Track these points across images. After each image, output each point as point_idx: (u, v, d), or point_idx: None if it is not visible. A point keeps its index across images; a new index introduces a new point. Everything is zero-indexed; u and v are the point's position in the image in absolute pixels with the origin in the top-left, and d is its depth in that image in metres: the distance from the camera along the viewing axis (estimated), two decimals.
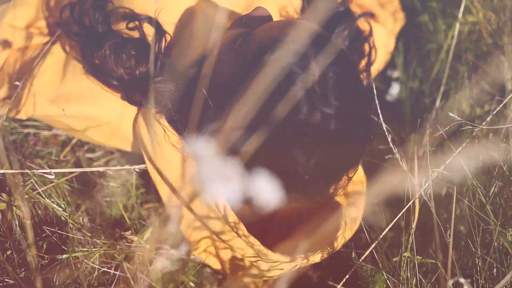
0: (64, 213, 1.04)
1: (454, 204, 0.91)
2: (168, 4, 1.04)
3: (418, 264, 0.97)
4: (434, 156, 0.99)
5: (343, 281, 1.01)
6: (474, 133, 1.03)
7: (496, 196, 1.02)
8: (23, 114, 1.03)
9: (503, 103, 1.08)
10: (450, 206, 1.13)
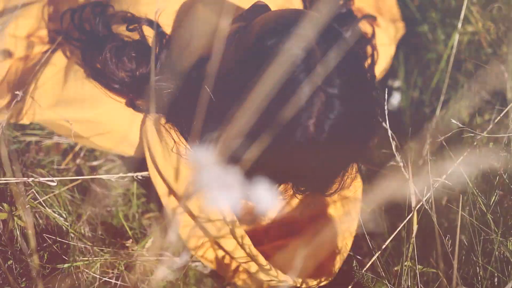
0: (65, 222, 1.04)
1: (460, 213, 0.91)
2: (168, 6, 1.04)
3: (419, 273, 0.97)
4: (435, 164, 0.99)
5: None
6: (475, 142, 1.03)
7: (496, 205, 1.02)
8: (26, 119, 1.03)
9: (504, 112, 1.08)
10: (451, 215, 1.13)
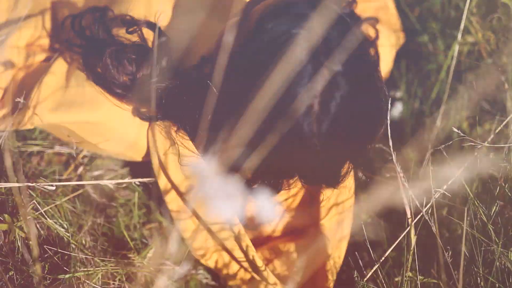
0: (66, 233, 1.04)
1: (465, 226, 0.91)
2: (167, 7, 1.05)
3: (420, 284, 0.97)
4: (435, 174, 0.99)
5: None
6: (476, 152, 1.03)
7: (497, 215, 1.02)
8: (29, 125, 1.02)
9: (504, 122, 1.09)
10: (452, 226, 1.13)
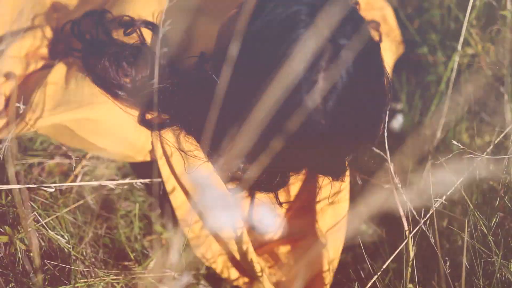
0: (67, 245, 1.04)
1: (466, 237, 0.91)
2: (163, 6, 1.04)
3: None
4: (435, 186, 0.99)
5: None
6: (476, 164, 1.03)
7: (497, 227, 1.02)
8: (30, 126, 1.02)
9: (504, 134, 1.09)
10: (452, 237, 1.13)
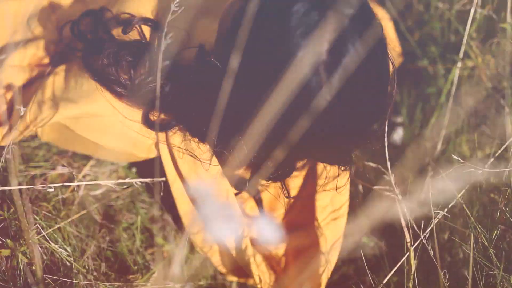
0: (69, 258, 1.05)
1: (471, 253, 0.91)
2: (166, 3, 1.04)
3: None
4: (436, 198, 0.99)
5: None
6: (475, 176, 1.03)
7: (498, 239, 1.02)
8: (32, 127, 1.02)
9: (504, 146, 1.09)
10: (453, 250, 1.13)
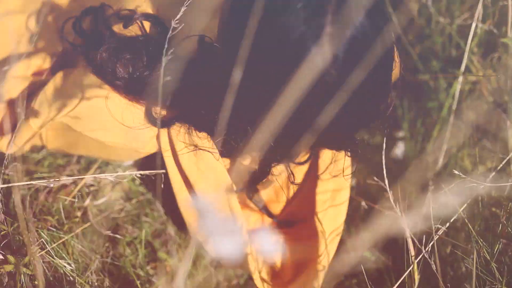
0: (72, 273, 1.05)
1: (474, 268, 0.91)
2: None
3: None
4: (437, 213, 1.00)
5: None
6: (477, 191, 1.04)
7: (500, 253, 1.02)
8: (32, 123, 1.01)
9: (506, 160, 1.10)
10: (456, 264, 1.13)
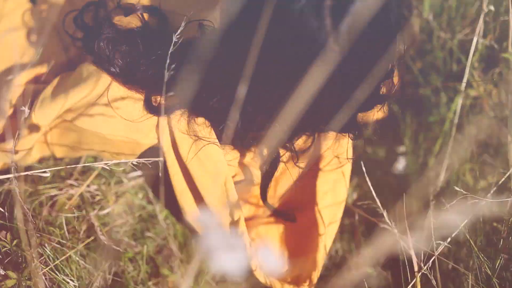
0: None
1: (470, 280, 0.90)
2: None
3: None
4: (438, 228, 1.00)
5: None
6: (478, 206, 1.04)
7: (502, 268, 1.02)
8: (34, 118, 1.00)
9: (507, 175, 1.10)
10: (458, 279, 1.13)
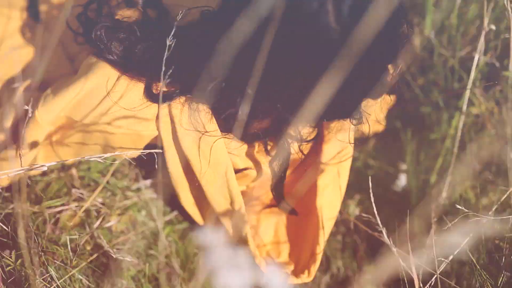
0: None
1: None
2: None
3: None
4: (440, 245, 1.00)
5: None
6: (480, 224, 1.04)
7: (504, 286, 1.02)
8: (38, 116, 1.00)
9: (508, 193, 1.10)
10: None
